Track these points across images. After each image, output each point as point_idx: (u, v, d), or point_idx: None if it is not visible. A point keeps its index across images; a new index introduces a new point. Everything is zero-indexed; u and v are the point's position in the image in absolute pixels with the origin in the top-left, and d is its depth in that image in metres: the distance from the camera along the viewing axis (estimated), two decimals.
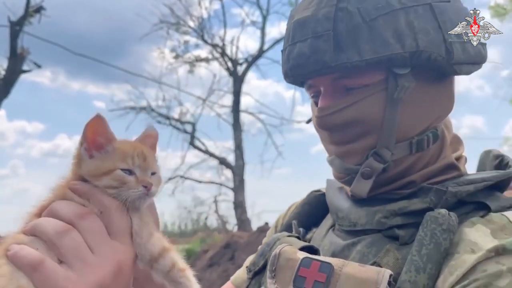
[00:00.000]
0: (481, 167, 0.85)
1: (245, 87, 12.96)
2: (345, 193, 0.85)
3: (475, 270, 0.61)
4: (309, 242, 0.87)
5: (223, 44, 12.86)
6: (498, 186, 0.75)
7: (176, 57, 13.00)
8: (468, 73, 0.78)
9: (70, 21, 17.56)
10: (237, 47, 12.93)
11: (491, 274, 0.60)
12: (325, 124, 0.78)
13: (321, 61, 0.72)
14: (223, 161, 12.43)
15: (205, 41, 12.94)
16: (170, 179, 12.09)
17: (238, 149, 12.02)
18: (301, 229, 0.91)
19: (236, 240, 7.14)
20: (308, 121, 0.89)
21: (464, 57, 0.74)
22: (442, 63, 0.73)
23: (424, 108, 0.77)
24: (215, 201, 12.52)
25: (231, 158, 12.51)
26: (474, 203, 0.73)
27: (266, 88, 20.01)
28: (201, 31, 12.82)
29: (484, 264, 0.61)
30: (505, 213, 0.68)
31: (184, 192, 12.91)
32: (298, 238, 0.87)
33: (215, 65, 13.52)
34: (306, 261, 0.71)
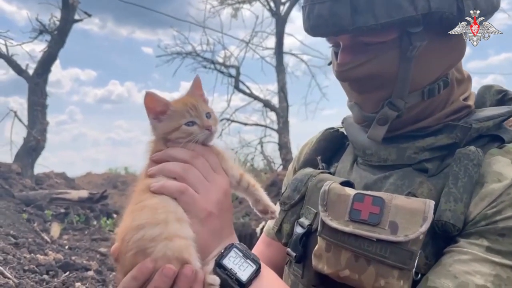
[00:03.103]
0: (480, 102, 0.90)
1: (289, 28, 12.61)
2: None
3: (501, 195, 0.71)
4: (333, 175, 0.94)
5: None
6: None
7: (222, 2, 12.81)
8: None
9: None
10: None
11: None
12: (344, 77, 0.85)
13: (339, 24, 0.77)
14: (267, 104, 12.48)
15: None
16: None
17: (282, 91, 11.99)
18: (323, 165, 0.99)
19: (281, 178, 7.39)
20: (329, 63, 0.95)
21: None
22: (454, 20, 0.76)
23: (436, 60, 0.81)
24: (261, 143, 12.74)
25: (275, 100, 12.50)
26: (488, 136, 0.81)
27: None
28: None
29: (509, 189, 0.71)
30: None
31: (231, 135, 13.16)
32: (330, 173, 0.94)
33: (257, 6, 13.26)
34: (359, 196, 0.77)
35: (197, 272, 0.70)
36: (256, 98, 12.58)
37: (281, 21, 12.19)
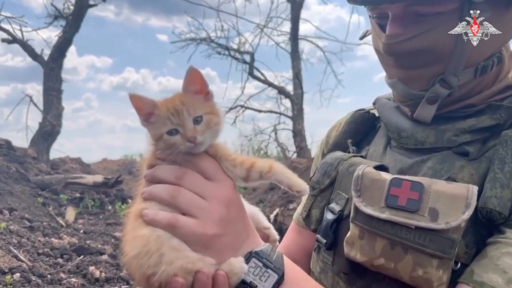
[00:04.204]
0: None
1: (305, 14, 12.41)
2: (404, 113, 0.85)
3: None
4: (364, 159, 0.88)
5: None
6: None
7: None
8: None
9: None
10: None
11: None
12: (394, 51, 0.77)
13: None
14: (282, 91, 12.40)
15: None
16: (231, 109, 12.31)
17: (297, 78, 11.87)
18: (354, 148, 0.93)
19: (295, 166, 7.34)
20: (362, 37, 0.89)
21: None
22: None
23: (494, 34, 0.74)
24: (275, 130, 12.70)
25: (289, 87, 12.43)
26: None
27: (328, 13, 19.05)
28: None
29: None
30: None
31: (245, 122, 13.13)
32: (362, 157, 0.88)
33: None
34: (396, 181, 0.72)
35: (217, 274, 0.64)
36: (270, 85, 12.50)
37: (296, 6, 12.00)
